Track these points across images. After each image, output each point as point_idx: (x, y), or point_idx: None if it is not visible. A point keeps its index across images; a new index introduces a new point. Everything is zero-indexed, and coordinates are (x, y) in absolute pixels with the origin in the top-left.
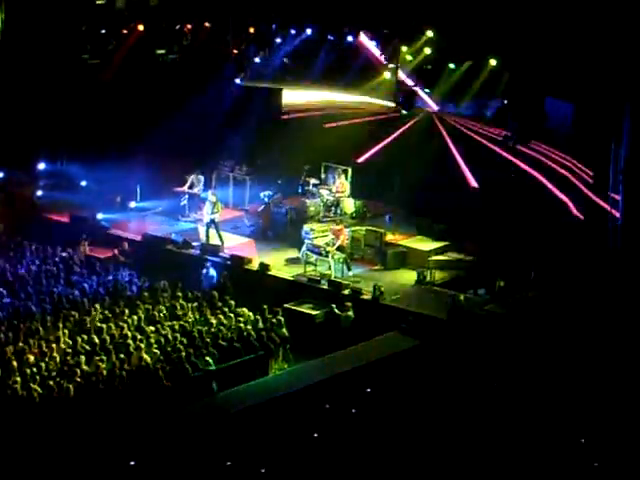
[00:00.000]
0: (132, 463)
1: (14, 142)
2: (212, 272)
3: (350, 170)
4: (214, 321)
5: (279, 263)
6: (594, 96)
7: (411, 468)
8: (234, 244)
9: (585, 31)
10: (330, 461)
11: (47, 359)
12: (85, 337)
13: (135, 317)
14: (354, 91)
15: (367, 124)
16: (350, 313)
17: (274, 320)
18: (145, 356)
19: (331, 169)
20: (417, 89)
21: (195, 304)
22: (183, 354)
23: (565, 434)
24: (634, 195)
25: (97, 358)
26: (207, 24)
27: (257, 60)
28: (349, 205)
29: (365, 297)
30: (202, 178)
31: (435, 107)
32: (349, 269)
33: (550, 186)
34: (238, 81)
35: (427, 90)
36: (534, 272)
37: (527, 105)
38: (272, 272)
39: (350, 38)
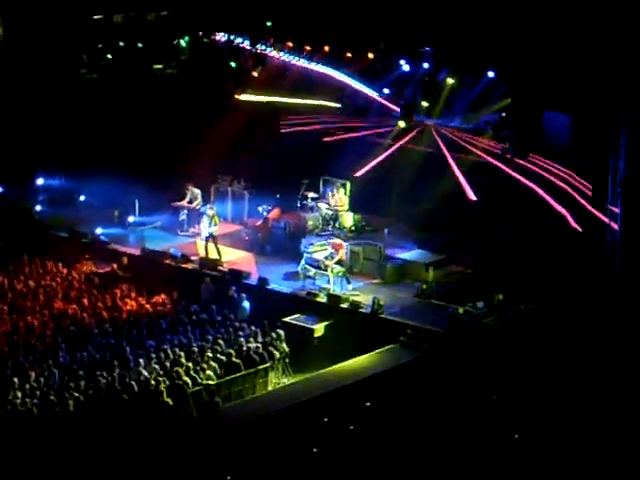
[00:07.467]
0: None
1: (13, 158)
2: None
3: (349, 184)
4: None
5: (278, 277)
6: (591, 109)
7: None
8: (233, 258)
9: (581, 44)
10: (329, 476)
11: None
12: None
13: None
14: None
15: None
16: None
17: (274, 334)
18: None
19: (329, 183)
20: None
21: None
22: (183, 368)
23: (565, 446)
24: (633, 207)
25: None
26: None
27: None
28: (348, 219)
29: (364, 311)
30: (198, 191)
31: (433, 120)
32: (349, 282)
33: (549, 199)
34: (237, 95)
35: (425, 103)
36: (533, 285)
37: (525, 118)
38: (271, 286)
39: None
